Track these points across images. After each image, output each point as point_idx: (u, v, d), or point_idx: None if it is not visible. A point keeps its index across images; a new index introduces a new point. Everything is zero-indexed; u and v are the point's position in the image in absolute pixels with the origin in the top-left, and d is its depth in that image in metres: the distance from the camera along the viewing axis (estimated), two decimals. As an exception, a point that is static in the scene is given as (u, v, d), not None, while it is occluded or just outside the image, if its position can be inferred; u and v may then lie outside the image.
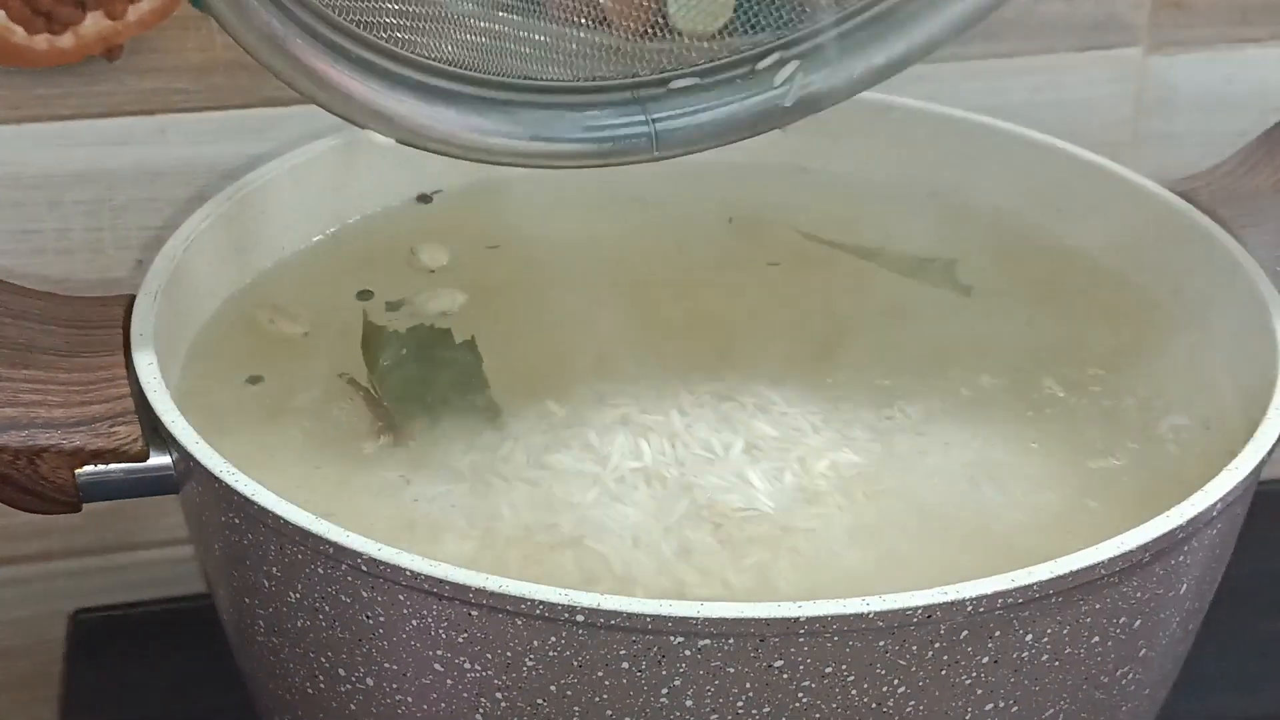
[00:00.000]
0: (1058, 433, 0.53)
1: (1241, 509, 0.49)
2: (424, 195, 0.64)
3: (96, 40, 0.61)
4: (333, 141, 0.62)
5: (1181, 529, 0.44)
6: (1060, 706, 0.45)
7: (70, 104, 0.63)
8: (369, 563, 0.42)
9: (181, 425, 0.47)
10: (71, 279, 0.65)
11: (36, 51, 0.61)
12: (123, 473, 0.48)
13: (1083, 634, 0.44)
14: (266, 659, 0.49)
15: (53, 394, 0.49)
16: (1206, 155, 0.64)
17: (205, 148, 0.65)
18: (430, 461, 0.51)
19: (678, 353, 0.56)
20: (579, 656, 0.42)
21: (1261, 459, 0.47)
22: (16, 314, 0.52)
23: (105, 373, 0.50)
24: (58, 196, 0.65)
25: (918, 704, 0.43)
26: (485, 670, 0.43)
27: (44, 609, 0.72)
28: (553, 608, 0.41)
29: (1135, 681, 0.47)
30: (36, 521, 0.59)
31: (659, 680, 0.42)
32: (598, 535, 0.48)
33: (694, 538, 0.48)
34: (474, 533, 0.48)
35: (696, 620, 0.40)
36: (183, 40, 0.63)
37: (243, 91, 0.64)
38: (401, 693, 0.45)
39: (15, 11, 0.59)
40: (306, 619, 0.45)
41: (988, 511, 0.50)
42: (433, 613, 0.42)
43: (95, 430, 0.48)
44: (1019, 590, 0.42)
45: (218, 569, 0.49)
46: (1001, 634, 0.43)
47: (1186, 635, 0.50)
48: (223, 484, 0.45)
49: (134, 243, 0.66)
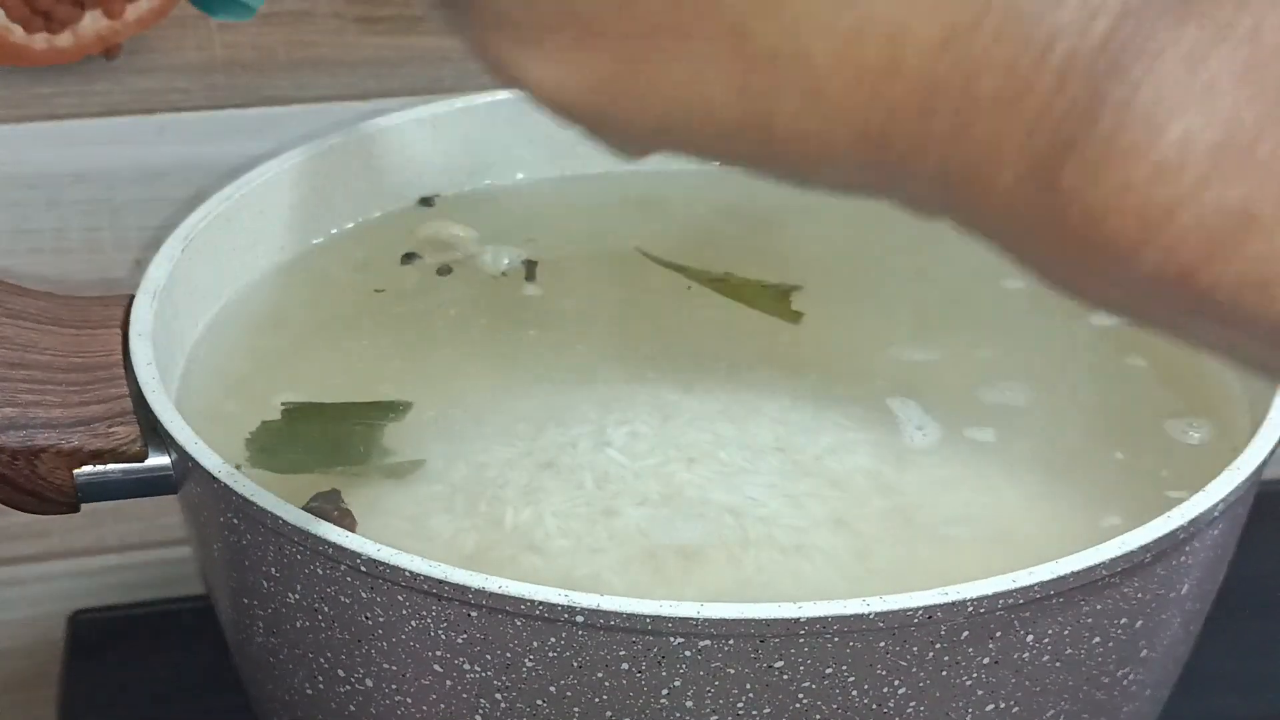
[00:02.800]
0: (1057, 434, 0.53)
1: (1243, 509, 0.49)
2: (426, 198, 0.64)
3: (95, 39, 0.62)
4: (332, 141, 0.62)
5: (1183, 529, 0.44)
6: (1061, 707, 0.45)
7: (69, 103, 0.63)
8: (368, 563, 0.42)
9: (180, 426, 0.47)
10: (70, 279, 0.65)
11: (35, 50, 0.61)
12: (121, 473, 0.48)
13: (1084, 634, 0.44)
14: (265, 660, 0.49)
15: (51, 394, 0.49)
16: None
17: (204, 147, 0.65)
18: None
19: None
20: (579, 657, 0.42)
21: (1263, 459, 0.47)
22: (15, 314, 0.52)
23: (104, 373, 0.50)
24: (56, 196, 0.65)
25: (918, 705, 0.43)
26: (485, 671, 0.43)
27: (43, 609, 0.72)
28: (552, 608, 0.41)
29: (1136, 682, 0.47)
30: (35, 522, 0.59)
31: (659, 681, 0.42)
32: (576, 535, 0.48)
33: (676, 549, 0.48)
34: (471, 526, 0.48)
35: (696, 621, 0.40)
36: (181, 39, 0.63)
37: (241, 91, 0.64)
38: (401, 693, 0.45)
39: (14, 11, 0.59)
40: (305, 619, 0.45)
41: (990, 511, 0.50)
42: (432, 613, 0.42)
43: (94, 430, 0.48)
44: (1020, 591, 0.42)
45: (216, 570, 0.49)
46: (1002, 635, 0.43)
47: (1188, 636, 0.50)
48: (221, 484, 0.45)
49: (133, 242, 0.66)
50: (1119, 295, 0.26)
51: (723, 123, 0.27)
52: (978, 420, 0.54)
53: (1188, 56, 0.24)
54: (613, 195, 0.65)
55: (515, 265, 0.61)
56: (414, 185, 0.64)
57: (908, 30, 0.25)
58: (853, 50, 0.25)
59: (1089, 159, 0.24)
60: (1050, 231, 0.25)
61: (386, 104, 0.65)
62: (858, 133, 0.26)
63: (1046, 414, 0.54)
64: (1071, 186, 0.24)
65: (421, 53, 0.65)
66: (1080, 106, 0.24)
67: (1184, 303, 0.25)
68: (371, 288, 0.60)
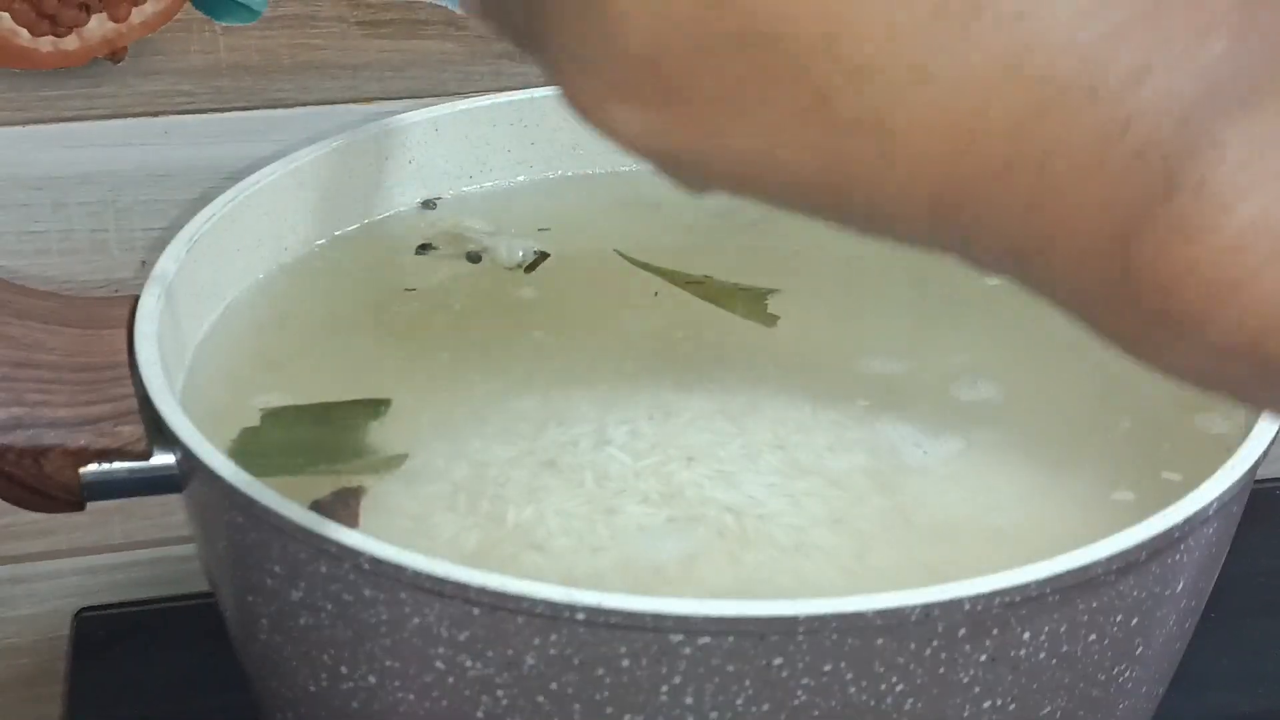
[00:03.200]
0: (1056, 433, 0.54)
1: (1238, 508, 0.49)
2: (428, 200, 0.65)
3: (100, 43, 0.62)
4: (336, 143, 0.62)
5: (1178, 528, 0.44)
6: (1058, 704, 0.45)
7: (74, 106, 0.63)
8: (371, 561, 0.42)
9: (185, 425, 0.47)
10: (75, 279, 0.66)
11: (41, 54, 0.61)
12: (127, 472, 0.48)
13: (1080, 632, 0.44)
14: (269, 657, 0.49)
15: (57, 394, 0.49)
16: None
17: (209, 149, 0.65)
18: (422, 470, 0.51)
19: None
20: (580, 654, 0.42)
21: (1257, 458, 0.47)
22: (21, 314, 0.52)
23: (110, 373, 0.50)
24: (62, 198, 0.65)
25: (916, 702, 0.43)
26: (486, 668, 0.43)
27: (48, 607, 0.72)
28: (554, 606, 0.41)
29: (1132, 679, 0.47)
30: (41, 520, 0.60)
31: (659, 678, 0.42)
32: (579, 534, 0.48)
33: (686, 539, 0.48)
34: (473, 524, 0.49)
35: (696, 618, 0.41)
36: (186, 43, 0.63)
37: (246, 93, 0.65)
38: (403, 690, 0.45)
39: (20, 14, 0.59)
40: (309, 617, 0.45)
41: (988, 509, 0.50)
42: (434, 611, 0.42)
43: (100, 430, 0.48)
44: (1017, 589, 0.42)
45: (221, 568, 0.49)
46: (999, 632, 0.43)
47: (1183, 633, 0.50)
48: (226, 483, 0.45)
49: (138, 244, 0.66)
50: (1192, 363, 0.27)
51: (798, 180, 0.27)
52: (977, 420, 0.54)
53: (1258, 141, 0.25)
54: (613, 197, 0.66)
55: (529, 256, 0.61)
56: (417, 187, 0.64)
57: (988, 108, 0.25)
58: (933, 123, 0.26)
59: (1160, 236, 0.25)
60: (1121, 302, 0.26)
61: (389, 106, 0.65)
62: (932, 199, 0.27)
63: (1045, 413, 0.55)
64: (1142, 262, 0.25)
65: (424, 56, 0.66)
66: (1154, 186, 0.25)
67: (1254, 370, 0.26)
68: (376, 287, 0.60)
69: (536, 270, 0.61)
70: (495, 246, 0.61)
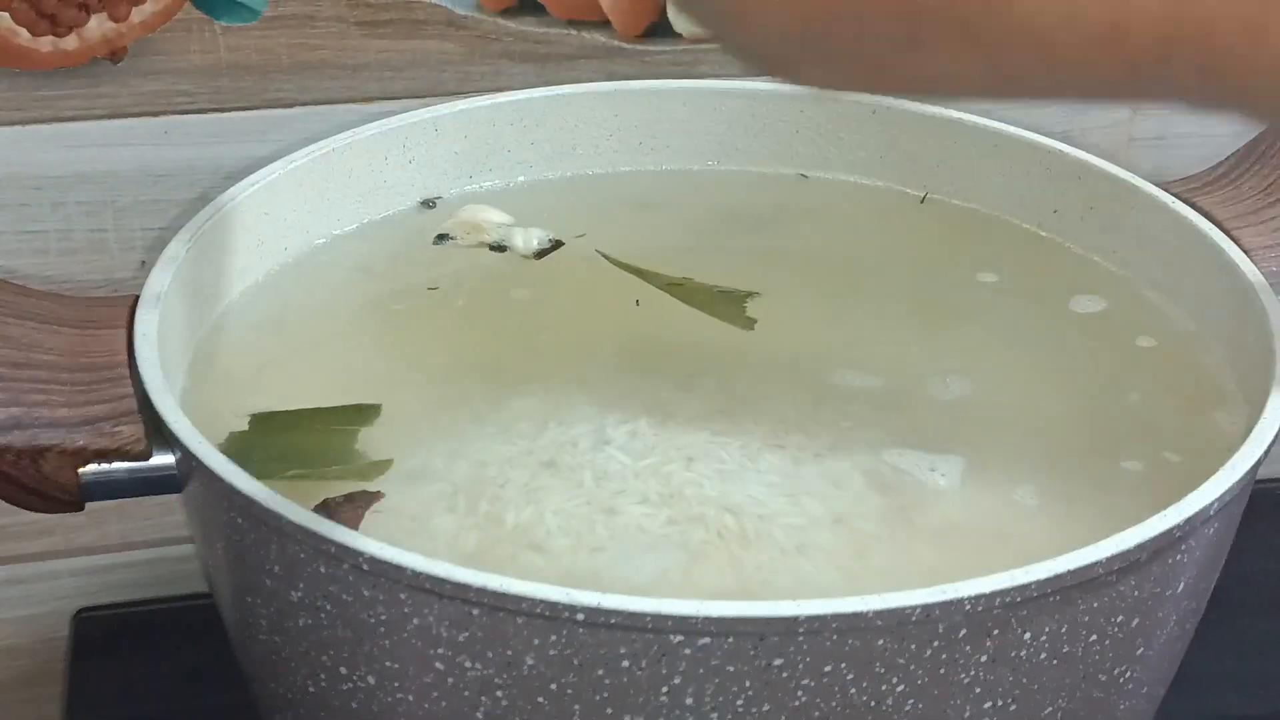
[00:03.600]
0: (1055, 433, 0.54)
1: (1238, 508, 0.49)
2: (428, 200, 0.65)
3: (100, 42, 0.62)
4: (335, 144, 0.62)
5: (1179, 528, 0.44)
6: (1058, 705, 0.46)
7: (74, 105, 0.63)
8: (370, 562, 0.42)
9: (184, 425, 0.47)
10: (74, 279, 0.66)
11: (41, 53, 0.61)
12: (126, 472, 0.49)
13: (1081, 633, 0.44)
14: (268, 658, 0.49)
15: (56, 394, 0.49)
16: (1203, 157, 0.65)
17: (208, 149, 0.65)
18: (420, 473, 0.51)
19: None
20: (579, 655, 0.42)
21: (1258, 458, 0.47)
22: (20, 314, 0.52)
23: (109, 373, 0.50)
24: (61, 197, 0.65)
25: (916, 702, 0.43)
26: (486, 669, 0.43)
27: (47, 608, 0.72)
28: (553, 606, 0.41)
29: (1133, 680, 0.47)
30: (40, 520, 0.60)
31: (659, 679, 0.42)
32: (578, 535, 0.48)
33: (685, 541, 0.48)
34: (473, 524, 0.49)
35: (696, 619, 0.41)
36: (186, 42, 0.63)
37: (246, 93, 0.65)
38: (402, 691, 0.45)
39: (20, 14, 0.59)
40: (308, 618, 0.45)
41: (988, 510, 0.50)
42: (434, 611, 0.43)
43: (98, 430, 0.48)
44: (1017, 589, 0.42)
45: (220, 568, 0.49)
46: (1000, 633, 0.43)
47: (1184, 634, 0.50)
48: (225, 483, 0.45)
49: (137, 244, 0.66)
50: None
51: (966, 90, 0.29)
52: (977, 420, 0.54)
53: None
54: (613, 197, 0.66)
55: (545, 245, 0.61)
56: (416, 187, 0.65)
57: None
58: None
59: None
60: None
61: (389, 106, 0.65)
62: (1106, 32, 0.28)
63: (1045, 414, 0.55)
64: None
65: (423, 56, 0.66)
66: None
67: None
68: (376, 287, 0.60)
69: (536, 270, 0.61)
70: (510, 235, 0.62)
